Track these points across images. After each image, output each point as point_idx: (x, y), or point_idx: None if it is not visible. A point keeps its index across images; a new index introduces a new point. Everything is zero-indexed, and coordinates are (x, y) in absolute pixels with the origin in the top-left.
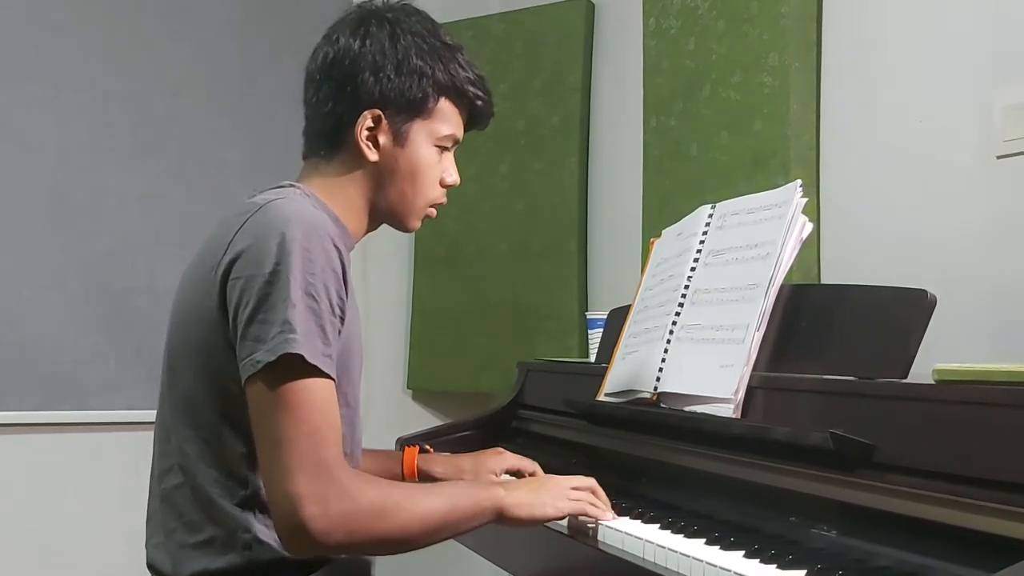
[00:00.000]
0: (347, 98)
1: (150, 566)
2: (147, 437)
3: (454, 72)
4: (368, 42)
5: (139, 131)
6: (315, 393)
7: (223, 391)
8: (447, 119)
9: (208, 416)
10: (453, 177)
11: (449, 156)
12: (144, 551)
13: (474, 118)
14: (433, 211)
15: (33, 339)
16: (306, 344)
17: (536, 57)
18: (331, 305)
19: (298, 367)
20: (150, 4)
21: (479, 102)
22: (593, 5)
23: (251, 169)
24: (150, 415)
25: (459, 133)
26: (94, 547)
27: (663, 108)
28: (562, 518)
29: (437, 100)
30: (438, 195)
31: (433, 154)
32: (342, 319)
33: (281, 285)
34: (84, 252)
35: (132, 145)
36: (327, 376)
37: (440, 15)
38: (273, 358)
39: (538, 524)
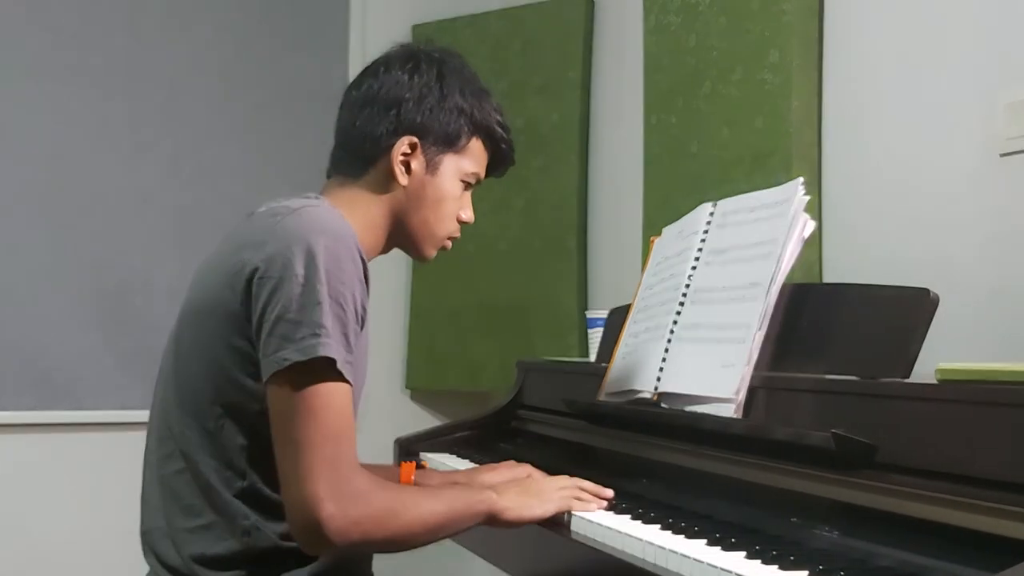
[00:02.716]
0: (389, 122)
1: (148, 551)
2: (144, 437)
3: (489, 114)
4: (417, 76)
5: (138, 130)
6: (338, 397)
7: (229, 385)
8: (475, 157)
9: (211, 408)
10: (469, 214)
11: (468, 194)
12: (139, 538)
13: (496, 161)
14: (449, 243)
15: (30, 339)
16: (335, 348)
17: (536, 54)
18: (355, 314)
19: (326, 370)
20: (149, 3)
21: (503, 145)
22: (593, 2)
23: (250, 169)
24: (147, 415)
25: (482, 173)
26: (91, 546)
27: (663, 105)
28: (549, 517)
29: (470, 138)
30: (454, 229)
31: (458, 187)
32: (361, 327)
33: (311, 289)
34: (81, 251)
35: (131, 144)
36: (348, 382)
37: (440, 12)
38: (305, 358)
39: (527, 524)
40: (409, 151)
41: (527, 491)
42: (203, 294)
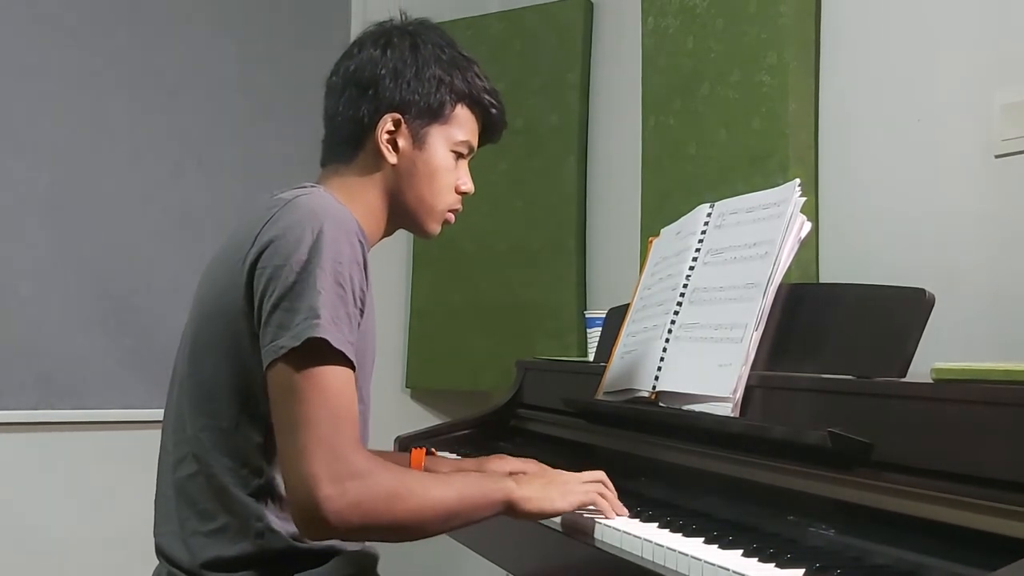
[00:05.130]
0: (368, 102)
1: (160, 553)
2: (146, 435)
3: (471, 81)
4: (390, 51)
5: (138, 131)
6: (336, 378)
7: (245, 381)
8: (463, 125)
9: (227, 406)
10: (468, 185)
11: (464, 164)
12: (150, 540)
13: (488, 128)
14: (452, 216)
15: (32, 338)
16: (331, 330)
17: (535, 56)
18: (354, 297)
19: (322, 352)
20: (150, 3)
21: (493, 110)
22: (592, 4)
23: (250, 169)
24: (149, 414)
25: (474, 141)
26: (92, 545)
27: (661, 107)
28: (572, 511)
29: (454, 107)
30: (454, 201)
31: (450, 159)
32: (361, 312)
33: (308, 274)
34: (83, 251)
35: (131, 145)
36: (349, 362)
37: (439, 14)
38: (297, 343)
39: (547, 518)
40: (393, 128)
41: (550, 483)
42: (211, 293)
